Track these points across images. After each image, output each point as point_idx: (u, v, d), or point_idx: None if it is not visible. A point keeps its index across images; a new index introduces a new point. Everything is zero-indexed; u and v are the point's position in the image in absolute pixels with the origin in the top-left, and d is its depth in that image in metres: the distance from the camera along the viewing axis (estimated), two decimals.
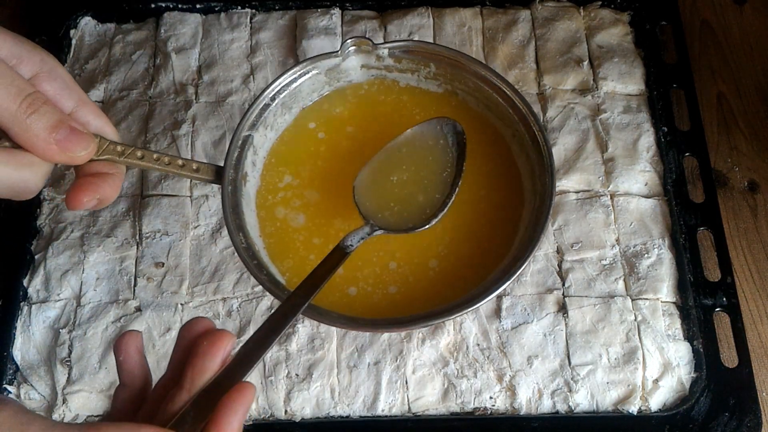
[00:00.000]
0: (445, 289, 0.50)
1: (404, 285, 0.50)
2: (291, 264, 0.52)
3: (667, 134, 0.71)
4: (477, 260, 0.51)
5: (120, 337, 0.40)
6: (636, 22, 0.77)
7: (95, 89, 0.74)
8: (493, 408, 0.61)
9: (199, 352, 0.37)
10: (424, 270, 0.50)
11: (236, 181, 0.52)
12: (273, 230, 0.53)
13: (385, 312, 0.49)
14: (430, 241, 0.52)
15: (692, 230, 0.67)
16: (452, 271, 0.51)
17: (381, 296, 0.50)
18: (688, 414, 0.60)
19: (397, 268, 0.51)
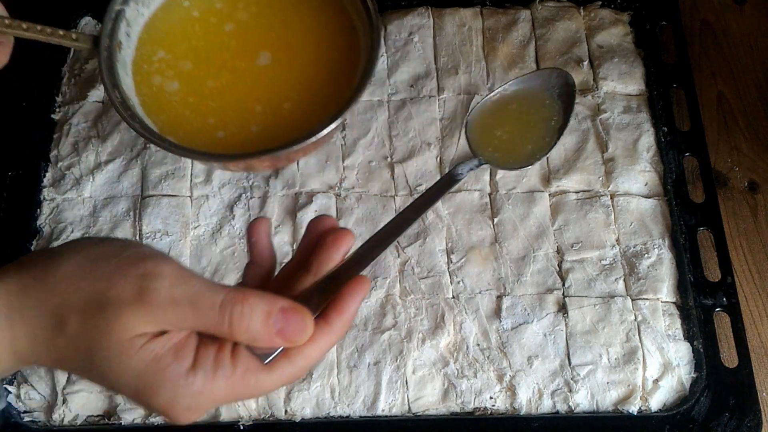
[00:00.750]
0: (297, 126, 0.56)
1: (264, 123, 0.57)
2: (165, 118, 0.58)
3: (667, 134, 0.71)
4: (321, 103, 0.57)
5: (253, 222, 0.44)
6: (636, 22, 0.77)
7: (95, 89, 0.74)
8: (493, 408, 0.61)
9: (326, 243, 0.42)
10: (280, 111, 0.57)
11: (111, 48, 0.56)
12: (148, 92, 0.58)
13: (247, 149, 0.55)
14: (284, 88, 0.58)
15: (692, 230, 0.67)
16: (302, 112, 0.57)
17: (245, 135, 0.56)
18: (688, 414, 0.60)
19: (261, 110, 0.57)
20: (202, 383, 0.38)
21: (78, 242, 0.41)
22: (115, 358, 0.37)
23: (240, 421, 0.61)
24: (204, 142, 0.56)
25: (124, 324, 0.37)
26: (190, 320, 0.38)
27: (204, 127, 0.56)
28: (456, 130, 0.71)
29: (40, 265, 0.40)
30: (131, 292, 0.37)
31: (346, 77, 0.58)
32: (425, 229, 0.67)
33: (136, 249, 0.40)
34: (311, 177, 0.69)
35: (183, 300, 0.37)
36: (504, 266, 0.66)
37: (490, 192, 0.69)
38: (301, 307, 0.39)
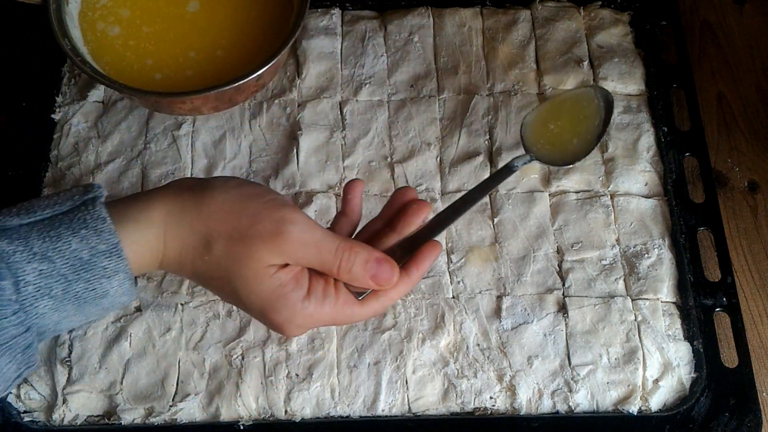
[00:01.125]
0: (231, 71, 0.61)
1: (198, 69, 0.63)
2: (109, 59, 0.63)
3: (668, 134, 0.71)
4: (253, 49, 0.63)
5: (350, 182, 0.53)
6: (636, 22, 0.77)
7: (95, 89, 0.74)
8: (494, 408, 0.61)
9: (411, 210, 0.51)
10: (213, 58, 0.63)
11: (59, 1, 0.62)
12: (93, 38, 0.63)
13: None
14: (216, 36, 0.64)
15: (692, 230, 0.67)
16: (235, 58, 0.63)
17: (181, 78, 0.62)
18: (688, 414, 0.60)
19: (195, 56, 0.63)
20: (313, 307, 0.47)
21: (228, 180, 0.49)
22: (249, 280, 0.46)
23: (240, 421, 0.61)
24: (143, 84, 0.61)
25: (261, 255, 0.46)
26: (312, 258, 0.47)
27: (143, 69, 0.63)
28: (456, 130, 0.71)
29: (197, 193, 0.48)
30: (270, 231, 0.46)
31: (277, 23, 0.63)
32: None
33: (275, 196, 0.49)
34: (311, 177, 0.69)
35: (309, 242, 0.47)
36: (504, 266, 0.66)
37: (490, 192, 0.69)
38: (390, 259, 0.49)
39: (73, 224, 0.44)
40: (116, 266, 0.45)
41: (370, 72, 0.74)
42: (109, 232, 0.44)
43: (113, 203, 0.47)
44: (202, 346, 0.63)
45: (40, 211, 0.45)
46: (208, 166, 0.70)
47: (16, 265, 0.42)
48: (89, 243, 0.44)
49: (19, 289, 0.42)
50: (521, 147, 0.60)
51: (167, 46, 0.64)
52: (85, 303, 0.45)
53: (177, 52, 0.63)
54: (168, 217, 0.47)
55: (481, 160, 0.70)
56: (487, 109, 0.73)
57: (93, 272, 0.44)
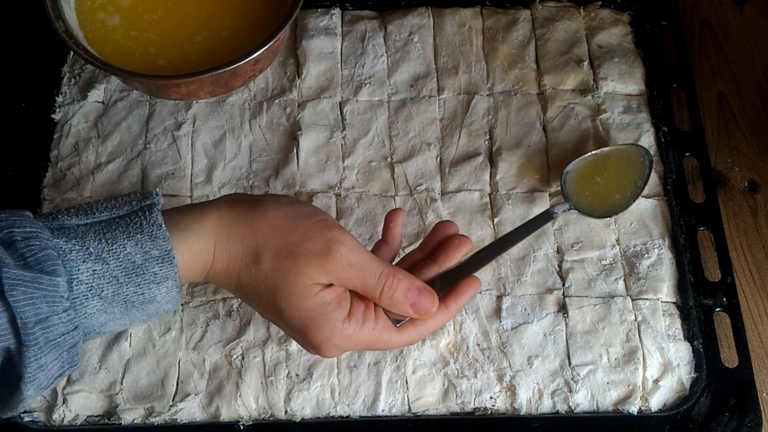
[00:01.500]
0: (236, 53, 0.60)
1: (203, 52, 0.63)
2: (110, 50, 0.63)
3: (668, 134, 0.71)
4: (257, 29, 0.63)
5: (393, 210, 0.55)
6: (636, 22, 0.77)
7: (95, 89, 0.74)
8: (494, 408, 0.61)
9: (452, 244, 0.53)
10: (218, 39, 0.63)
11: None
12: (92, 27, 0.63)
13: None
14: (219, 16, 0.64)
15: (692, 230, 0.67)
16: (239, 38, 0.63)
17: (184, 63, 0.62)
18: (688, 414, 0.60)
19: (200, 40, 0.63)
20: (353, 329, 0.48)
21: (280, 198, 0.51)
22: (294, 296, 0.47)
23: (240, 421, 0.61)
24: (146, 70, 0.62)
25: (309, 272, 0.47)
26: (356, 280, 0.48)
27: (146, 57, 0.63)
28: (456, 130, 0.71)
29: (249, 208, 0.49)
30: (320, 249, 0.47)
31: (280, 4, 0.63)
32: (425, 229, 0.67)
33: (325, 216, 0.50)
34: (311, 177, 0.69)
35: (355, 264, 0.48)
36: (504, 266, 0.66)
37: (490, 192, 0.69)
38: (431, 289, 0.50)
39: (130, 228, 0.45)
40: (167, 273, 0.45)
41: (370, 72, 0.74)
42: (164, 238, 0.45)
43: (168, 211, 0.49)
44: (202, 346, 0.63)
45: (98, 213, 0.46)
46: (209, 166, 0.70)
47: (72, 263, 0.43)
48: (143, 248, 0.45)
49: (72, 288, 0.43)
50: (559, 190, 0.64)
51: (171, 33, 0.63)
52: (133, 306, 0.46)
53: (182, 37, 0.63)
54: (219, 229, 0.48)
55: (481, 160, 0.70)
56: (487, 109, 0.73)
57: (144, 277, 0.45)
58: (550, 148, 0.70)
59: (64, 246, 0.43)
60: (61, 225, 0.45)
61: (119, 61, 0.61)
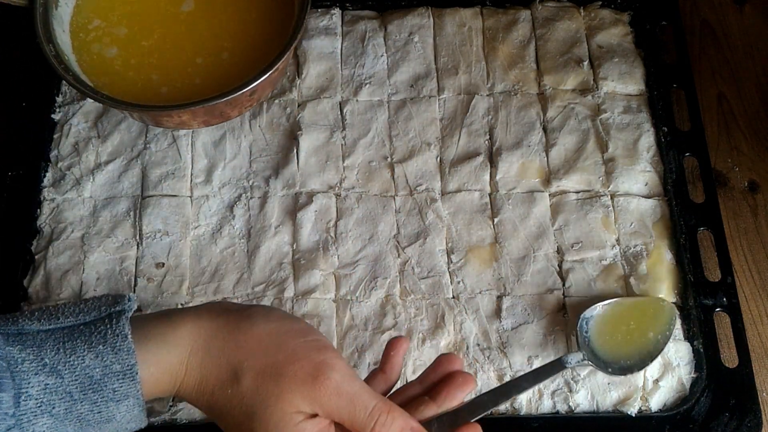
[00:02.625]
0: (238, 75, 0.60)
1: (206, 76, 0.61)
2: (108, 80, 0.61)
3: (668, 134, 0.71)
4: (259, 57, 0.61)
5: (395, 338, 0.50)
6: (636, 22, 0.77)
7: None
8: (494, 408, 0.61)
9: (455, 382, 0.48)
10: (219, 61, 0.62)
11: (47, 4, 0.59)
12: (89, 58, 0.61)
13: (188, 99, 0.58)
14: (219, 37, 0.63)
15: (692, 230, 0.67)
16: (241, 60, 0.62)
17: (189, 88, 0.61)
18: (688, 414, 0.60)
19: (202, 62, 0.62)
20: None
21: (271, 311, 0.47)
22: (273, 424, 0.42)
23: None
24: (150, 100, 0.59)
25: (292, 398, 0.42)
26: (344, 413, 0.43)
27: (148, 85, 0.60)
28: (456, 130, 0.71)
29: (233, 320, 0.45)
30: (308, 373, 0.43)
31: (281, 24, 0.62)
32: (425, 229, 0.67)
33: (319, 336, 0.46)
34: (311, 177, 0.69)
35: (345, 394, 0.43)
36: (504, 266, 0.66)
37: (490, 192, 0.69)
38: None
39: (92, 337, 0.42)
40: (127, 390, 0.42)
41: (370, 72, 0.74)
42: (127, 351, 0.42)
43: (141, 317, 0.45)
44: None
45: (63, 317, 0.42)
46: (209, 166, 0.70)
47: (22, 375, 0.40)
48: (103, 360, 0.41)
49: (20, 403, 0.39)
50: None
51: (171, 56, 0.61)
52: (88, 425, 0.42)
53: (183, 60, 0.61)
54: (196, 340, 0.44)
55: (481, 160, 0.70)
56: (487, 109, 0.73)
57: (101, 393, 0.41)
58: (550, 148, 0.70)
59: (17, 355, 0.40)
60: (20, 330, 0.41)
61: (119, 91, 0.59)
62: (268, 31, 0.62)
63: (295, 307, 0.64)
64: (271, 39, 0.62)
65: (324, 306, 0.64)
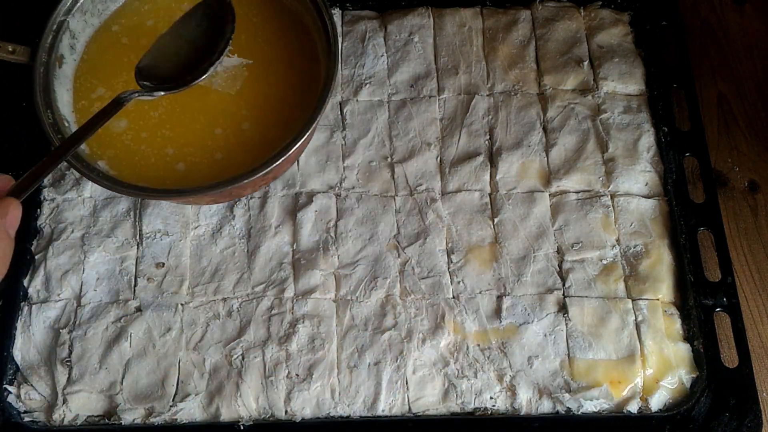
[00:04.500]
0: (259, 150, 0.55)
1: (227, 149, 0.56)
2: (113, 153, 0.56)
3: (668, 134, 0.71)
4: (281, 126, 0.57)
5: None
6: (636, 23, 0.77)
7: None
8: (494, 408, 0.61)
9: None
10: (240, 132, 0.56)
11: (49, 63, 0.55)
12: (94, 136, 0.55)
13: (211, 179, 0.53)
14: (243, 108, 0.57)
15: (692, 230, 0.67)
16: (261, 133, 0.57)
17: (209, 163, 0.55)
18: (688, 414, 0.60)
19: (221, 133, 0.56)
20: None
21: None
22: None
23: (240, 422, 0.61)
24: (166, 177, 0.54)
25: None
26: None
27: (162, 160, 0.54)
28: (456, 130, 0.71)
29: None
30: None
31: (305, 96, 0.57)
32: (425, 229, 0.67)
33: None
34: (311, 177, 0.69)
35: None
36: (504, 266, 0.66)
37: (491, 192, 0.69)
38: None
39: None
40: None
41: (370, 72, 0.74)
42: None
43: None
44: (202, 346, 0.63)
45: None
46: None
47: None
48: None
49: None
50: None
51: (187, 127, 0.56)
52: None
53: (200, 131, 0.56)
54: None
55: (481, 160, 0.70)
56: (487, 109, 0.73)
57: None
58: (550, 148, 0.70)
59: None
60: None
61: (130, 168, 0.54)
62: (291, 100, 0.57)
63: (295, 307, 0.64)
64: (294, 107, 0.57)
65: (324, 306, 0.64)
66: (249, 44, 0.59)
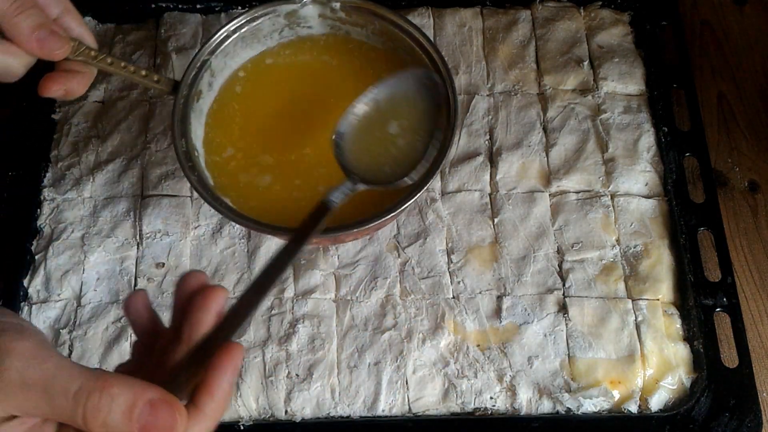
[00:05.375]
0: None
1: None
2: (255, 205, 0.58)
3: (668, 134, 0.71)
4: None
5: (127, 299, 0.40)
6: (636, 22, 0.77)
7: (95, 89, 0.74)
8: (494, 408, 0.61)
9: (195, 306, 0.37)
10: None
11: (189, 96, 0.59)
12: (236, 189, 0.60)
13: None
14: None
15: (692, 230, 0.67)
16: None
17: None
18: (688, 414, 0.60)
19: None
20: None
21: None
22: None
23: (240, 422, 0.61)
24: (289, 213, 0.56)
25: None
26: (42, 407, 0.33)
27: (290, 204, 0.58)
28: (456, 130, 0.71)
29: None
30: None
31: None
32: (425, 229, 0.67)
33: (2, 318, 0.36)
34: None
35: (36, 384, 0.33)
36: (504, 266, 0.66)
37: (491, 192, 0.69)
38: (171, 398, 0.34)
39: None
40: None
41: None
42: None
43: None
44: None
45: None
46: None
47: None
48: None
49: None
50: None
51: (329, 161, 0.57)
52: None
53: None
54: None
55: (481, 160, 0.70)
56: (487, 109, 0.73)
57: None
58: (550, 148, 0.70)
59: None
60: None
61: (254, 199, 0.59)
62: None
63: (295, 307, 0.64)
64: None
65: (324, 306, 0.64)
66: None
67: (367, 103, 0.55)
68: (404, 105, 0.53)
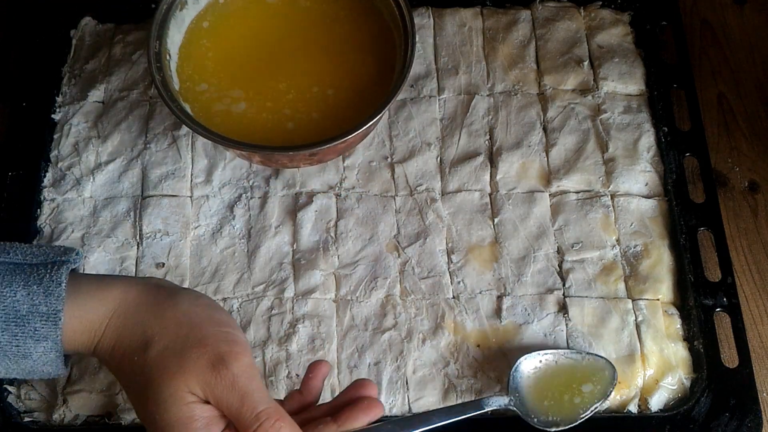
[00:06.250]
0: (342, 114, 0.64)
1: (321, 111, 0.64)
2: (219, 121, 0.64)
3: (668, 134, 0.71)
4: (360, 104, 0.64)
5: (316, 362, 0.51)
6: (636, 23, 0.77)
7: (95, 89, 0.74)
8: None
9: (359, 406, 0.48)
10: (325, 97, 0.65)
11: (173, 4, 0.64)
12: (205, 115, 0.64)
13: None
14: (329, 78, 0.66)
15: (693, 230, 0.67)
16: (344, 103, 0.64)
17: (307, 124, 0.64)
18: (688, 414, 0.60)
19: (316, 92, 0.65)
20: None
21: (198, 297, 0.49)
22: (165, 397, 0.43)
23: None
24: (274, 134, 0.63)
25: (188, 379, 0.43)
26: (231, 407, 0.43)
27: (278, 122, 0.63)
28: (456, 130, 0.71)
29: (162, 295, 0.47)
30: (209, 360, 0.44)
31: (383, 75, 0.65)
32: (425, 229, 0.67)
33: (234, 330, 0.47)
34: (311, 177, 0.69)
35: (239, 390, 0.43)
36: (504, 266, 0.66)
37: (491, 192, 0.69)
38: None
39: (30, 277, 0.44)
40: (48, 332, 0.44)
41: None
42: (57, 297, 0.44)
43: (83, 274, 0.47)
44: None
45: (13, 254, 0.45)
46: (209, 166, 0.70)
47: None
48: (33, 300, 0.44)
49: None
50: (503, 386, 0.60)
51: (298, 89, 0.65)
52: (5, 356, 0.44)
53: (309, 92, 0.65)
54: (120, 306, 0.46)
55: (481, 161, 0.70)
56: (487, 109, 0.73)
57: (23, 329, 0.44)
58: (550, 148, 0.70)
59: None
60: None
61: (244, 131, 0.63)
62: (367, 78, 0.65)
63: (295, 308, 0.64)
64: (373, 85, 0.65)
65: (324, 306, 0.64)
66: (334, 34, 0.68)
67: None
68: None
